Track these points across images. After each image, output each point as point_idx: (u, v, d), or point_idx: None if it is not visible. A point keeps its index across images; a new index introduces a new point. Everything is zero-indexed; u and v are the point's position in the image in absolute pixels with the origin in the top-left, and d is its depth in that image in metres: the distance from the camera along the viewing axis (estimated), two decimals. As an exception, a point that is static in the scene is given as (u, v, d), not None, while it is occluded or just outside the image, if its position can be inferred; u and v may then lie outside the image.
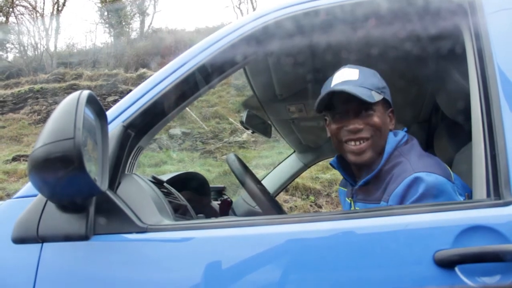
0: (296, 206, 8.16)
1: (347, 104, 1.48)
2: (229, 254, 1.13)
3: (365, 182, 1.49)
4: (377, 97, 1.47)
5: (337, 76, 1.54)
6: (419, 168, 1.35)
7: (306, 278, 1.08)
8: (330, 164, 1.69)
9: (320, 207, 8.30)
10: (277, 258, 1.12)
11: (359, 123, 1.48)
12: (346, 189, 1.75)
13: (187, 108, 13.12)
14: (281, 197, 8.07)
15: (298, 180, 8.30)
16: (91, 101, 1.15)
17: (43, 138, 1.05)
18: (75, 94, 1.10)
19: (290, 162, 3.22)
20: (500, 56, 1.22)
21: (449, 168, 1.41)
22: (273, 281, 1.09)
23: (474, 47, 1.28)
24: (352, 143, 1.49)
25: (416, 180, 1.30)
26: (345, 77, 1.51)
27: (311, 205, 8.35)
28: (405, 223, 1.09)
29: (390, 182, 1.40)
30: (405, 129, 1.58)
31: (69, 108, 1.06)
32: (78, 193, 1.12)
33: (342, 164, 1.65)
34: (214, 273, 1.11)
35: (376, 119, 1.48)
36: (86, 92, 1.11)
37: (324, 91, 1.52)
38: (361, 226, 1.12)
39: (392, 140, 1.49)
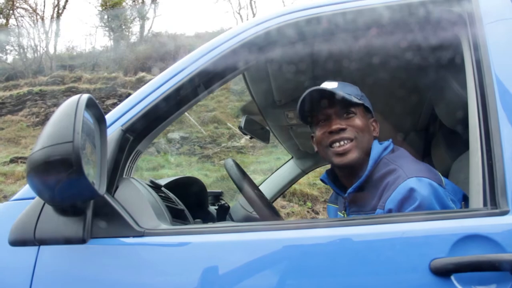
0: (293, 212, 8.16)
1: (328, 109, 1.56)
2: (225, 259, 1.13)
3: (354, 189, 1.51)
4: (355, 100, 1.55)
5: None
6: (411, 173, 1.37)
7: (302, 284, 1.08)
8: (321, 179, 1.72)
9: (317, 213, 8.29)
10: (274, 264, 1.12)
11: (341, 123, 1.54)
12: (336, 206, 1.78)
13: (185, 113, 13.12)
14: (278, 203, 8.06)
15: (295, 186, 8.29)
16: (91, 105, 1.16)
17: (42, 141, 1.05)
18: (74, 98, 1.10)
19: (288, 168, 3.22)
20: (498, 65, 1.22)
21: (440, 174, 1.44)
22: (269, 287, 1.09)
23: (472, 56, 1.29)
24: (336, 144, 1.53)
25: (412, 192, 1.32)
26: (325, 87, 1.58)
27: (308, 211, 8.35)
28: (402, 231, 1.10)
29: (385, 190, 1.41)
30: (391, 139, 1.61)
31: (68, 111, 1.06)
32: (76, 197, 1.12)
33: (333, 179, 1.68)
34: (211, 278, 1.11)
35: (357, 121, 1.55)
36: (85, 96, 1.12)
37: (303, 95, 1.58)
38: (358, 233, 1.12)
39: (377, 147, 1.54)
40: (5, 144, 13.20)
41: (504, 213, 1.07)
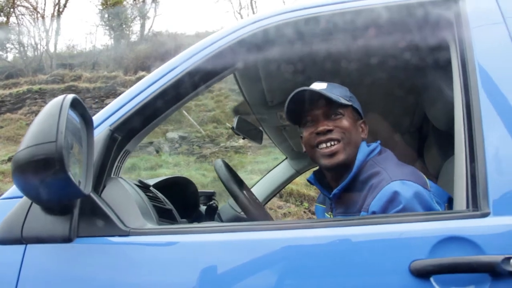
0: (290, 213, 8.16)
1: (316, 110, 1.56)
2: (209, 259, 1.14)
3: (340, 190, 1.51)
4: (344, 101, 1.55)
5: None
6: (396, 176, 1.38)
7: (285, 285, 1.09)
8: (308, 180, 1.73)
9: (314, 213, 8.29)
10: (260, 264, 1.13)
11: (328, 124, 1.53)
12: (324, 206, 1.79)
13: (184, 112, 13.17)
14: (275, 203, 8.08)
15: (292, 186, 8.31)
16: (76, 105, 1.17)
17: (27, 140, 1.06)
18: (59, 98, 1.11)
19: (282, 168, 3.21)
20: (483, 69, 1.23)
21: (425, 176, 1.44)
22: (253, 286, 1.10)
23: (459, 60, 1.30)
24: (324, 145, 1.53)
25: (396, 195, 1.31)
26: (314, 87, 1.58)
27: (304, 212, 8.36)
28: (383, 232, 1.11)
29: (369, 192, 1.41)
30: (379, 141, 1.61)
31: (52, 111, 1.07)
32: (61, 196, 1.13)
33: (319, 180, 1.69)
34: (194, 278, 1.12)
35: (345, 122, 1.54)
36: (70, 96, 1.13)
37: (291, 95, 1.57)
38: (339, 234, 1.13)
39: (364, 149, 1.54)
40: (4, 142, 13.22)
41: (485, 215, 1.08)
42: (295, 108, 1.59)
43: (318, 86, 1.59)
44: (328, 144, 1.52)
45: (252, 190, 2.31)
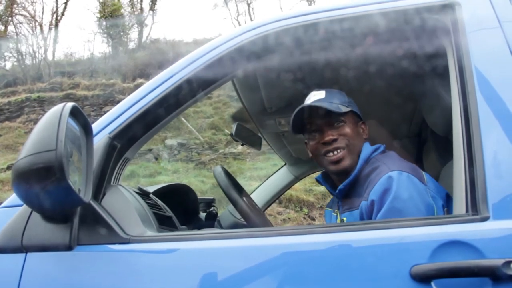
0: (289, 218, 8.15)
1: (319, 120, 1.64)
2: (209, 265, 1.14)
3: (345, 186, 1.59)
4: (344, 109, 1.63)
5: (307, 99, 1.68)
6: (394, 168, 1.45)
7: None
8: (316, 179, 1.82)
9: (313, 219, 8.29)
10: (257, 270, 1.12)
11: (333, 134, 1.61)
12: (332, 209, 1.83)
13: (183, 119, 13.18)
14: (275, 209, 8.07)
15: (291, 192, 8.31)
16: (76, 113, 1.17)
17: (26, 149, 1.06)
18: (59, 106, 1.11)
19: (281, 174, 3.21)
20: (480, 74, 1.24)
21: (422, 172, 1.50)
22: None
23: (455, 65, 1.31)
24: (331, 153, 1.61)
25: (391, 183, 1.39)
26: (313, 98, 1.67)
27: (304, 217, 8.34)
28: (383, 237, 1.11)
29: (369, 184, 1.48)
30: (384, 145, 1.67)
31: (52, 119, 1.07)
32: (61, 204, 1.13)
33: (326, 179, 1.77)
34: (195, 284, 1.12)
35: (347, 129, 1.63)
36: (70, 104, 1.13)
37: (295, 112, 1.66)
38: (339, 240, 1.13)
39: (367, 148, 1.63)
40: (3, 150, 13.21)
41: (484, 219, 1.08)
42: (298, 121, 1.67)
43: (317, 94, 1.66)
44: (335, 152, 1.61)
45: (252, 196, 2.31)
